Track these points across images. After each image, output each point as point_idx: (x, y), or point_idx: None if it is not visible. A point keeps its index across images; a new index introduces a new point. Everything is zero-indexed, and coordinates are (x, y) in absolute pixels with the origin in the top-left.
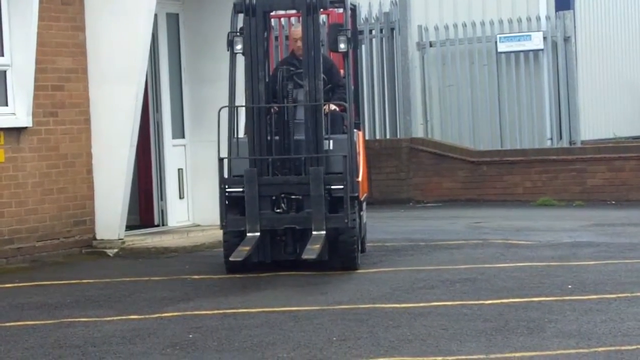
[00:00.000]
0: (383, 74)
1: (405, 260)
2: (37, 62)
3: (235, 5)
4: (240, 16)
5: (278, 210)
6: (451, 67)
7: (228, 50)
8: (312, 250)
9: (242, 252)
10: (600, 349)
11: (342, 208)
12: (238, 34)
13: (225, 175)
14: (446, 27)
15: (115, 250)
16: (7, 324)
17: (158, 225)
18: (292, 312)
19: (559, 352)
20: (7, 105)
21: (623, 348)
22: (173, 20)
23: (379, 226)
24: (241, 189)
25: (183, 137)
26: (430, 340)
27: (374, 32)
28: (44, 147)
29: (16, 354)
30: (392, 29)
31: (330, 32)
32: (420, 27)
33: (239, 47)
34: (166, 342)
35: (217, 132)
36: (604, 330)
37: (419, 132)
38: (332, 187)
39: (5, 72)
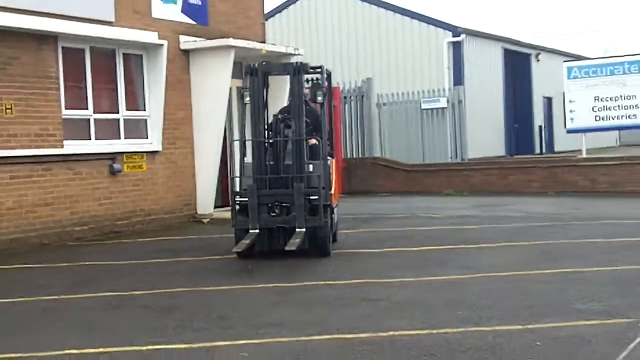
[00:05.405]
0: (357, 121)
1: (370, 225)
2: (165, 114)
3: (245, 70)
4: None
5: (273, 214)
6: (396, 117)
7: (239, 102)
8: (293, 244)
9: (243, 244)
10: (479, 275)
11: (319, 212)
12: (247, 90)
13: (237, 189)
14: (393, 95)
15: (208, 220)
16: (144, 261)
17: None
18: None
19: (456, 277)
20: (147, 138)
21: (497, 274)
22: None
23: (356, 206)
24: (247, 199)
25: (245, 155)
26: (381, 271)
27: (351, 97)
28: (167, 162)
29: (147, 278)
30: (362, 96)
31: (312, 89)
32: (378, 94)
33: (247, 99)
34: (232, 272)
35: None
36: (482, 264)
37: (377, 153)
38: (311, 197)
39: (146, 120)
